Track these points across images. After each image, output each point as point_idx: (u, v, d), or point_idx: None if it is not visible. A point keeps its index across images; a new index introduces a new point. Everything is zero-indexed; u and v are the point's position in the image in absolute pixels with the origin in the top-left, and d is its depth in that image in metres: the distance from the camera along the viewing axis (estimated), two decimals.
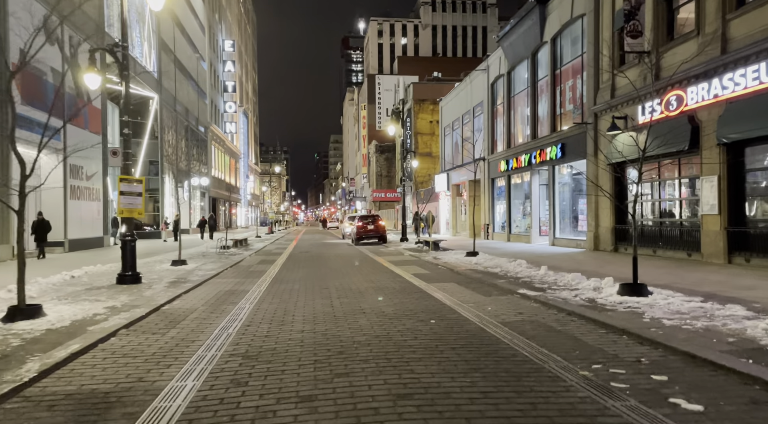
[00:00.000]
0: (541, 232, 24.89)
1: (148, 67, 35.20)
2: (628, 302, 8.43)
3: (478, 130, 32.70)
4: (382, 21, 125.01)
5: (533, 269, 13.39)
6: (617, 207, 18.06)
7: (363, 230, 30.03)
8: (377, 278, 13.17)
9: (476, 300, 9.58)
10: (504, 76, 28.00)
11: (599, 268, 13.71)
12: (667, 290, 9.35)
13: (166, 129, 39.96)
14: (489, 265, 15.08)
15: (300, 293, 10.77)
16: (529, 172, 25.18)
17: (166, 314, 8.51)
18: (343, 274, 14.35)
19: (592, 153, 18.92)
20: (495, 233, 29.81)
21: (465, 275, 13.47)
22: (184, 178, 47.26)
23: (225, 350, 6.17)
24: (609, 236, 18.38)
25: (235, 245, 27.43)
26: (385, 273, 14.47)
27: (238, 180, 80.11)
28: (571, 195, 22.73)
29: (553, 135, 22.22)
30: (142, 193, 11.92)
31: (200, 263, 17.10)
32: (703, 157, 13.83)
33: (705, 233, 14.06)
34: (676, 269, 12.78)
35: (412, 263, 17.51)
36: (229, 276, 14.14)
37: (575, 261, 15.89)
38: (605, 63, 18.22)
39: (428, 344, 6.34)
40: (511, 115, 27.61)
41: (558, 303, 8.64)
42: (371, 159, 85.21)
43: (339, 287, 11.59)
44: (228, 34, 70.42)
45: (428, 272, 14.61)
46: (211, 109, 59.93)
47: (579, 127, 20.04)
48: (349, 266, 16.89)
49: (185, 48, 46.71)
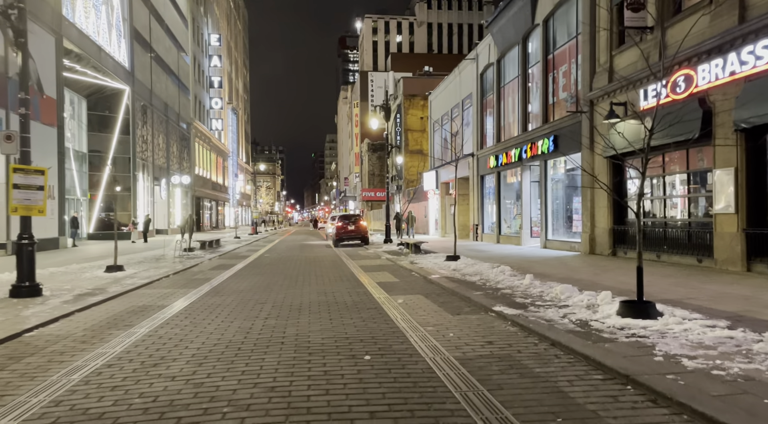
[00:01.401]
0: (532, 233, 22.89)
1: (117, 57, 33.09)
2: (632, 327, 6.42)
3: (467, 125, 30.69)
4: (376, 18, 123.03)
5: (517, 277, 11.37)
6: (615, 206, 16.06)
7: (343, 231, 27.96)
8: (334, 289, 11.14)
9: (439, 321, 7.56)
10: (494, 65, 25.99)
11: (595, 276, 11.71)
12: (681, 308, 7.34)
13: (140, 124, 37.87)
14: (468, 272, 13.05)
15: (226, 310, 8.73)
16: (519, 168, 23.17)
17: (21, 344, 6.46)
18: (296, 283, 12.32)
19: (587, 145, 16.92)
20: (484, 233, 27.79)
21: (438, 284, 11.45)
22: (163, 175, 45.24)
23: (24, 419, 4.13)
24: (606, 238, 16.38)
25: (202, 247, 25.38)
26: (347, 282, 12.44)
27: (226, 179, 77.95)
28: (564, 193, 20.73)
29: (545, 126, 20.21)
30: (43, 186, 9.83)
31: (141, 269, 15.04)
32: (717, 145, 11.84)
33: (719, 236, 12.05)
34: (687, 279, 10.77)
35: (384, 269, 15.49)
36: (162, 286, 12.08)
37: (568, 267, 13.87)
38: (602, 43, 16.22)
39: (338, 405, 4.30)
40: (501, 106, 25.60)
41: (541, 327, 6.62)
42: (363, 158, 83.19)
43: (280, 302, 9.56)
44: (215, 29, 68.27)
45: (397, 280, 12.59)
46: (195, 104, 57.80)
47: (573, 117, 18.05)
48: (311, 272, 14.86)
49: (163, 39, 44.60)
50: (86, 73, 30.78)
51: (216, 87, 66.38)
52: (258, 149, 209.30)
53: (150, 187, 41.12)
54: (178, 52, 50.10)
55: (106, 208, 36.20)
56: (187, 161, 53.13)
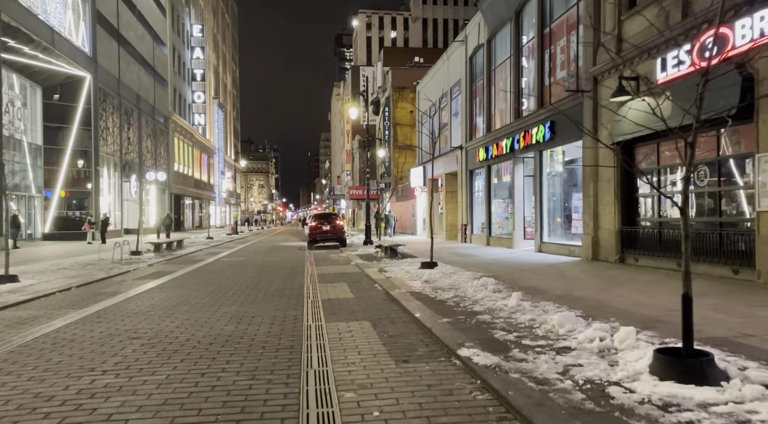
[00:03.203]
0: (526, 235, 20.19)
1: (75, 40, 30.27)
2: (684, 405, 3.73)
3: (455, 115, 27.98)
4: (371, 13, 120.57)
5: (502, 294, 8.67)
6: (625, 203, 13.38)
7: (317, 232, 25.20)
8: (260, 311, 8.43)
9: (371, 378, 4.86)
10: (483, 46, 23.27)
11: (602, 292, 9.02)
12: (746, 356, 4.68)
13: (104, 115, 35.05)
14: (442, 285, 10.35)
15: (67, 352, 6.02)
16: (511, 161, 20.45)
17: None
18: (218, 301, 9.60)
19: (590, 130, 14.25)
20: (474, 235, 25.08)
21: (399, 302, 8.74)
22: (133, 171, 42.36)
23: None
24: (612, 241, 13.67)
25: (157, 249, 22.63)
26: (287, 299, 9.73)
27: (212, 176, 75.09)
28: (562, 189, 18.06)
29: (541, 111, 17.52)
30: None
31: (46, 279, 12.29)
32: (762, 122, 9.17)
33: (762, 241, 9.37)
34: (727, 299, 8.07)
35: (345, 279, 12.79)
36: (36, 307, 9.31)
37: (566, 278, 11.18)
38: (608, 7, 13.52)
39: None
40: (492, 92, 22.89)
41: (527, 402, 3.91)
42: (354, 155, 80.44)
43: (163, 335, 6.84)
44: (198, 19, 65.35)
45: (351, 297, 9.89)
46: (175, 98, 54.94)
47: (573, 99, 15.37)
48: (254, 284, 12.15)
49: (135, 26, 41.74)
50: (37, 56, 27.95)
51: (199, 80, 63.49)
52: (252, 148, 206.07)
53: (118, 184, 38.29)
54: (154, 42, 47.23)
55: (66, 206, 33.40)
56: (165, 157, 50.29)
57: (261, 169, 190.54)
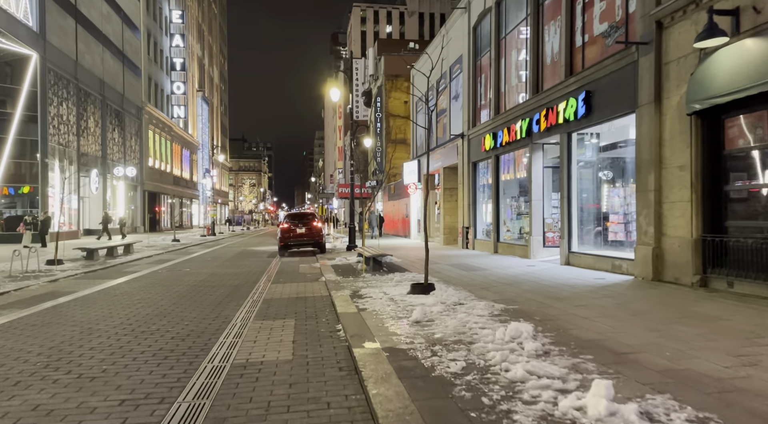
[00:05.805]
0: (546, 241, 16.04)
1: (15, 12, 25.98)
2: None
3: (455, 98, 23.84)
4: (365, 7, 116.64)
5: (552, 361, 4.49)
6: (708, 200, 9.24)
7: (290, 235, 20.99)
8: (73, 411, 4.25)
9: None
10: (492, 10, 19.10)
11: (702, 344, 4.82)
12: None
13: (56, 100, 30.73)
14: (444, 331, 6.17)
15: None
16: (527, 148, 16.29)
17: None
18: (27, 380, 5.44)
19: (649, 99, 10.12)
20: (477, 239, 20.91)
21: (363, 384, 4.57)
22: (95, 165, 38.02)
23: None
24: (688, 254, 9.51)
25: (89, 256, 18.42)
26: (165, 366, 5.57)
27: (194, 173, 70.74)
28: (597, 183, 13.94)
29: (571, 81, 13.36)
30: None
31: None
32: None
33: None
34: None
35: (298, 311, 8.64)
36: None
37: (643, 319, 6.98)
38: None
39: None
40: (501, 66, 18.73)
41: None
42: (347, 152, 76.20)
43: None
44: (178, 4, 60.93)
45: (287, 359, 5.73)
46: (150, 87, 50.61)
47: (621, 58, 11.22)
48: (148, 323, 7.98)
49: (98, 4, 37.45)
50: None
51: (179, 70, 59.11)
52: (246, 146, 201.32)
53: (74, 179, 33.94)
54: (124, 24, 42.93)
55: (8, 204, 29.13)
56: (136, 151, 45.95)
57: (253, 167, 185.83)
